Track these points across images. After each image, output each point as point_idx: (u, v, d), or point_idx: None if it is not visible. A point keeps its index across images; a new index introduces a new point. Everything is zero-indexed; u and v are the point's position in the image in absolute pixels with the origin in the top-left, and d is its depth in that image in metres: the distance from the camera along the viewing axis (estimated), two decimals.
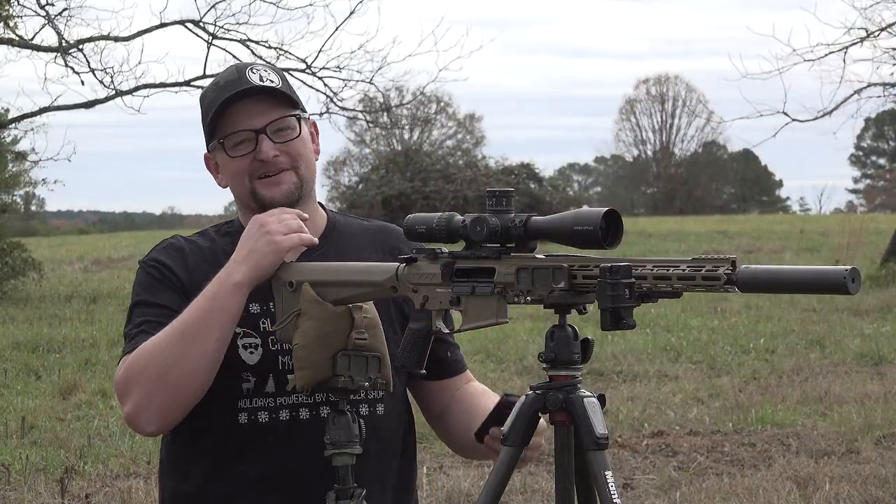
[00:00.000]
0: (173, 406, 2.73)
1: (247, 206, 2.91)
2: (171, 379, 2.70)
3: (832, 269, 2.22)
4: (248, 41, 18.54)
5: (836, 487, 6.59)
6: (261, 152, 2.85)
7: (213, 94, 2.88)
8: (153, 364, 2.70)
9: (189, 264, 2.89)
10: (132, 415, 2.73)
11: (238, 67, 2.91)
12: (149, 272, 2.89)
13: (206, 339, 2.70)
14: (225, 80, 2.88)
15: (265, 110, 2.87)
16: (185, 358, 2.69)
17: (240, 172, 2.87)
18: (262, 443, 2.83)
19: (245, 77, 2.86)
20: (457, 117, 51.75)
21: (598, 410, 2.50)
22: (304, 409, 2.85)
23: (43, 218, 56.70)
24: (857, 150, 68.55)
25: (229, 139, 2.87)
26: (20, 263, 18.35)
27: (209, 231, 3.01)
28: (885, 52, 20.50)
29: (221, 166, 2.91)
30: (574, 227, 2.41)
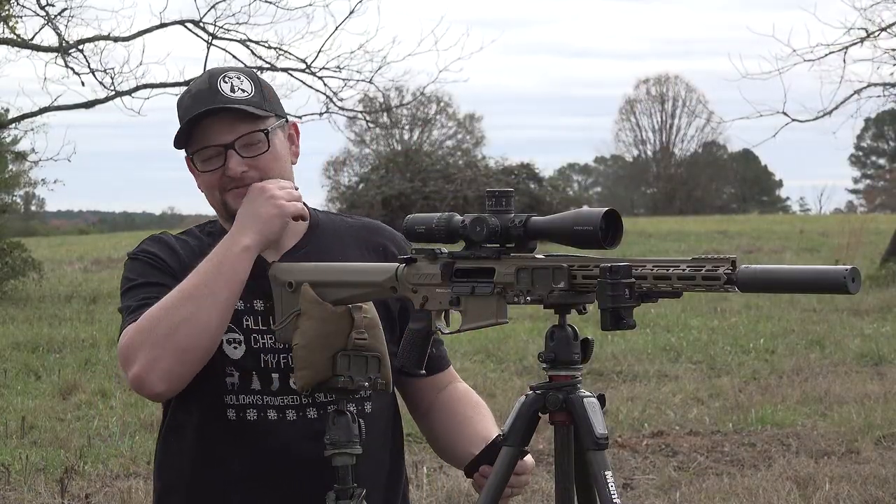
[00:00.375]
0: (181, 367, 2.71)
1: (219, 216, 2.94)
2: (180, 338, 2.69)
3: (832, 268, 2.22)
4: (247, 41, 18.55)
5: (836, 487, 6.59)
6: (228, 169, 2.84)
7: (187, 103, 2.87)
8: (161, 324, 2.69)
9: (180, 257, 2.89)
10: (140, 376, 2.70)
11: (211, 75, 2.88)
12: (140, 259, 2.89)
13: (215, 301, 2.71)
14: (197, 89, 2.87)
15: (234, 125, 2.84)
16: (194, 317, 2.69)
17: (210, 186, 2.88)
18: (251, 440, 2.83)
19: (216, 87, 2.84)
20: (457, 117, 51.78)
21: (598, 410, 2.50)
22: (290, 411, 2.85)
23: (43, 218, 56.72)
24: (857, 150, 68.57)
25: (199, 154, 2.86)
26: (20, 263, 18.35)
27: (194, 230, 3.01)
28: (885, 52, 20.52)
29: (196, 177, 2.92)
30: (574, 227, 2.41)
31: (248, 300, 2.85)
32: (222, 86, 2.85)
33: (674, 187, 60.21)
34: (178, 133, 2.87)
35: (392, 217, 31.23)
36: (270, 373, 2.83)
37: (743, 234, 29.78)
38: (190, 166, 2.94)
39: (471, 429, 2.96)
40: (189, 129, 2.85)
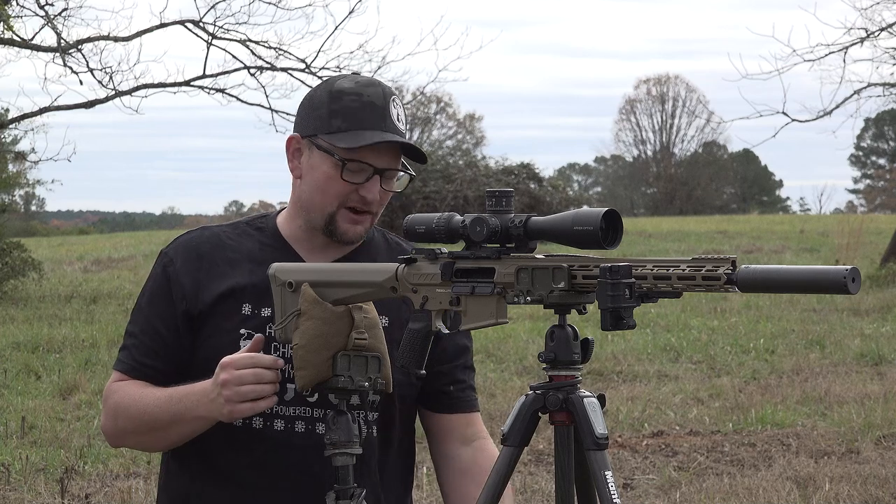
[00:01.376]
0: (131, 447, 3.05)
1: (309, 216, 2.88)
2: (129, 441, 2.96)
3: (832, 268, 2.22)
4: (247, 41, 18.52)
5: (836, 487, 6.59)
6: (369, 192, 2.83)
7: (354, 106, 2.81)
8: (119, 421, 2.91)
9: (203, 266, 2.89)
10: (103, 430, 2.97)
11: (385, 92, 2.85)
12: (159, 271, 2.93)
13: (163, 438, 2.87)
14: (370, 100, 2.82)
15: (390, 152, 2.85)
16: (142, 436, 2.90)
17: (336, 193, 2.84)
18: (256, 448, 2.83)
19: (388, 108, 2.83)
20: (457, 117, 51.82)
21: (598, 410, 2.50)
22: (300, 423, 2.84)
23: (43, 218, 56.73)
24: (857, 150, 68.58)
25: (353, 164, 2.82)
26: (20, 263, 18.33)
27: (241, 224, 2.99)
28: (885, 52, 20.53)
29: (316, 169, 2.84)
30: (574, 227, 2.41)
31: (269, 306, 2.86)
32: (392, 110, 2.85)
33: (674, 187, 60.21)
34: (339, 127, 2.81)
35: (392, 217, 31.23)
36: (286, 382, 2.82)
37: (743, 234, 29.78)
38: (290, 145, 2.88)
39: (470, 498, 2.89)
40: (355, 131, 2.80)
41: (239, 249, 2.91)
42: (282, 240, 2.93)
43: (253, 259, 2.89)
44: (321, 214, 2.86)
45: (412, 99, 39.29)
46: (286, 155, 2.90)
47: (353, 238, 2.88)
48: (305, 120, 2.87)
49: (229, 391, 2.69)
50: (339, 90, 2.84)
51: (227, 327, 2.84)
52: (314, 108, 2.85)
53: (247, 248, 2.92)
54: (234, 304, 2.85)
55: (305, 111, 2.88)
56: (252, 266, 2.89)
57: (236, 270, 2.88)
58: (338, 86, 2.85)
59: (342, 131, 2.81)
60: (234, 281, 2.87)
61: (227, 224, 2.98)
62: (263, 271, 2.83)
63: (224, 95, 18.41)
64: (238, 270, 2.89)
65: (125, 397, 2.86)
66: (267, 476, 2.84)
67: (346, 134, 2.80)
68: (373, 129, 2.81)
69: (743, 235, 29.47)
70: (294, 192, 2.92)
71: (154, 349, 2.88)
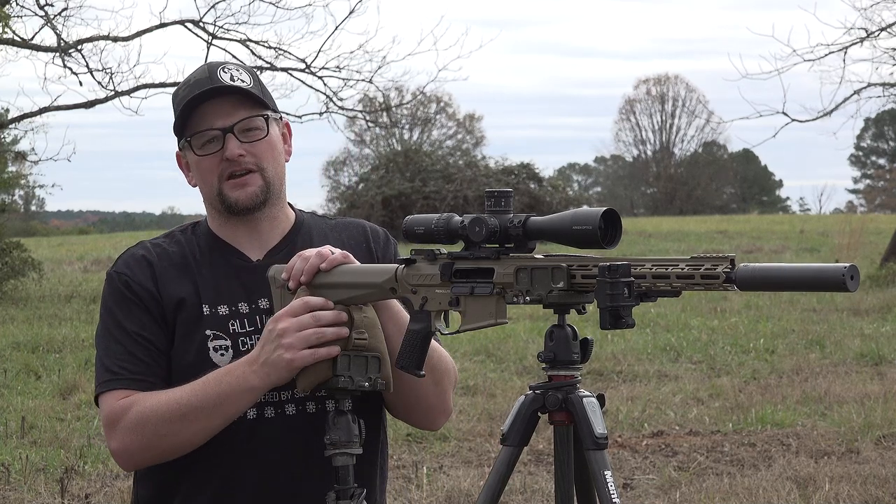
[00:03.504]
0: (153, 461, 2.84)
1: (213, 206, 2.91)
2: (164, 445, 2.78)
3: (831, 266, 2.23)
4: (247, 41, 18.53)
5: (836, 487, 6.59)
6: (227, 150, 2.84)
7: (184, 92, 2.87)
8: (149, 429, 2.76)
9: (156, 272, 2.88)
10: (118, 454, 2.82)
11: (210, 66, 2.89)
12: (118, 288, 2.88)
13: (206, 427, 2.76)
14: (195, 79, 2.87)
15: (233, 110, 2.86)
16: (182, 435, 2.77)
17: (209, 171, 2.87)
18: (233, 441, 2.82)
19: (216, 76, 2.86)
20: (457, 117, 51.79)
21: (598, 410, 2.50)
22: (269, 408, 2.84)
23: (43, 218, 56.70)
24: (857, 150, 68.57)
25: (197, 137, 2.86)
26: (20, 263, 18.33)
27: (175, 232, 3.00)
28: (885, 52, 20.53)
29: (191, 165, 2.91)
30: (573, 226, 2.41)
31: (233, 303, 2.86)
32: (221, 75, 2.87)
33: (674, 187, 60.20)
34: (177, 117, 2.87)
35: (392, 217, 31.22)
36: None
37: (743, 234, 29.78)
38: (180, 163, 2.94)
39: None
40: (188, 113, 2.85)
41: (182, 255, 2.92)
42: (219, 240, 2.93)
43: (196, 261, 2.90)
44: (213, 198, 2.89)
45: (412, 99, 39.25)
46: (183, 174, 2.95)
47: (246, 202, 2.87)
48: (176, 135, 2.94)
49: (290, 338, 2.66)
50: (175, 91, 2.93)
51: (193, 331, 2.84)
52: (173, 121, 2.92)
53: (188, 252, 2.93)
54: (193, 307, 2.86)
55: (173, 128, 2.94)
56: (197, 267, 2.90)
57: (185, 275, 2.89)
58: (175, 90, 2.93)
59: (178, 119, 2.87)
60: (186, 285, 2.87)
61: (161, 236, 3.00)
62: (209, 271, 2.85)
63: None
64: (187, 274, 2.89)
65: (149, 404, 2.77)
66: (256, 462, 2.83)
67: (177, 119, 2.87)
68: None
69: (743, 235, 29.47)
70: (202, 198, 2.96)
71: (149, 359, 2.84)
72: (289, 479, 2.82)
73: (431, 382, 2.85)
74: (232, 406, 2.73)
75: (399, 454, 7.34)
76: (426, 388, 2.85)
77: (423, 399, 2.87)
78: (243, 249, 2.92)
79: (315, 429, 2.79)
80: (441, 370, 2.87)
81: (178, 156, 2.94)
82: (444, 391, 2.90)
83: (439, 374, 2.86)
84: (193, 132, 2.86)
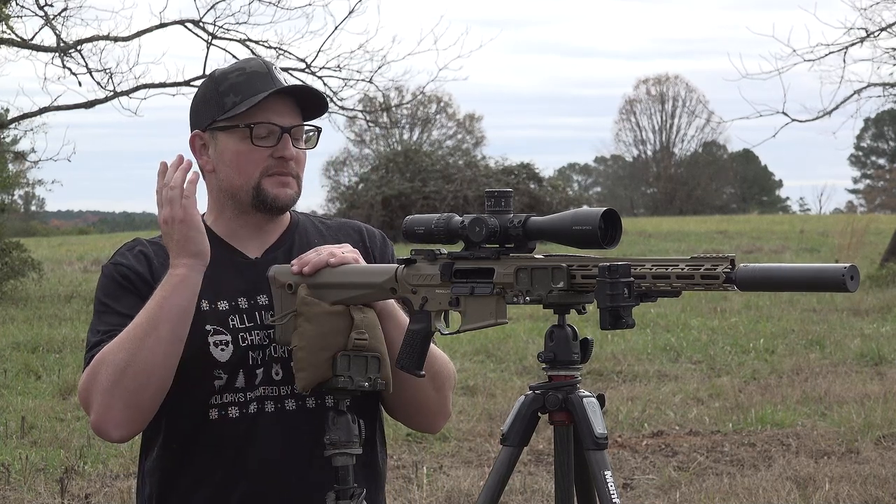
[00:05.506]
0: (133, 411, 2.74)
1: (234, 198, 2.89)
2: (127, 382, 2.71)
3: (831, 266, 2.23)
4: (247, 41, 18.53)
5: (836, 487, 6.59)
6: (285, 149, 2.84)
7: (241, 80, 2.85)
8: (107, 370, 2.72)
9: (153, 265, 2.88)
10: (97, 424, 2.76)
11: (265, 62, 2.90)
12: (112, 276, 2.88)
13: (157, 337, 2.71)
14: (253, 70, 2.86)
15: (292, 112, 2.87)
16: (137, 357, 2.71)
17: (252, 163, 2.85)
18: (233, 437, 2.83)
19: (274, 73, 2.87)
20: (457, 117, 51.80)
21: (598, 410, 2.50)
22: (269, 402, 2.84)
23: (43, 218, 56.72)
24: (856, 150, 68.57)
25: (259, 127, 2.85)
26: (20, 263, 18.33)
27: None
28: (885, 52, 20.53)
29: (226, 151, 2.87)
30: (573, 226, 2.41)
31: (233, 299, 2.86)
32: (277, 74, 2.88)
33: (674, 187, 60.20)
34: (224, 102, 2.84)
35: (392, 217, 31.21)
36: (255, 369, 2.83)
37: (743, 234, 29.78)
38: (193, 144, 2.90)
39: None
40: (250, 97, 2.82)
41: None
42: (216, 237, 2.92)
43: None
44: (246, 190, 2.87)
45: (412, 99, 39.26)
46: (193, 156, 2.92)
47: (284, 202, 2.88)
48: (199, 115, 2.91)
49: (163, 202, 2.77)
50: (221, 74, 2.90)
51: (192, 325, 2.82)
52: (204, 102, 2.89)
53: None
54: None
55: (196, 108, 2.92)
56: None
57: None
58: (219, 72, 2.91)
59: (238, 104, 2.84)
60: None
61: (157, 235, 2.98)
62: (211, 268, 2.83)
63: None
64: None
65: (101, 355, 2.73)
66: (248, 459, 2.83)
67: (242, 104, 2.84)
68: (265, 90, 2.84)
69: (743, 235, 29.48)
70: (211, 187, 2.93)
71: None
72: (288, 474, 2.83)
73: (433, 387, 2.86)
74: (173, 302, 2.72)
75: (399, 454, 7.34)
76: (427, 392, 2.85)
77: (424, 403, 2.88)
78: (241, 247, 2.92)
79: (314, 425, 2.79)
80: (443, 376, 2.88)
81: (195, 136, 2.91)
82: (445, 395, 2.91)
83: (441, 379, 2.88)
84: (258, 120, 2.84)
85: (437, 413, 2.92)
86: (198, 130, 2.90)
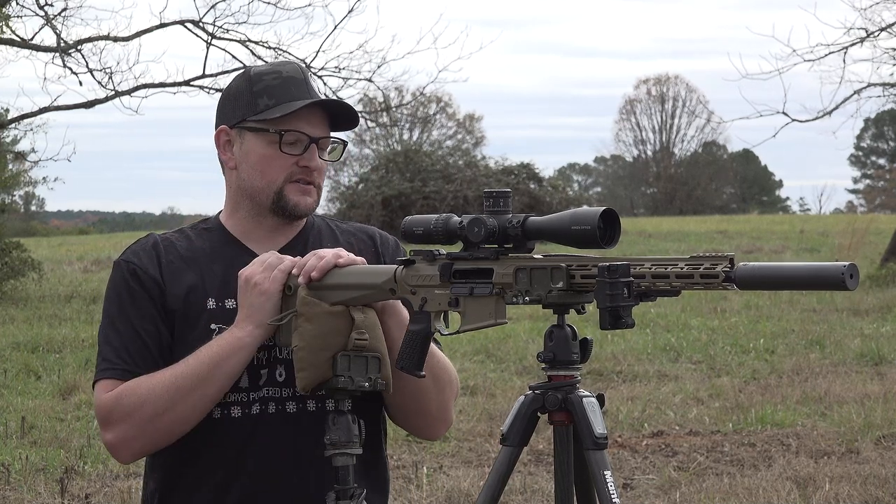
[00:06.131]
0: (153, 447, 2.83)
1: (253, 199, 2.90)
2: (160, 426, 2.77)
3: (830, 264, 2.23)
4: (247, 41, 18.53)
5: (836, 487, 6.58)
6: (312, 159, 2.86)
7: (276, 83, 2.87)
8: (145, 409, 2.75)
9: (163, 263, 2.89)
10: (113, 445, 2.80)
11: (301, 67, 2.92)
12: (124, 277, 2.88)
13: (204, 397, 2.76)
14: (289, 75, 2.88)
15: (322, 122, 2.89)
16: (180, 410, 2.76)
17: (277, 168, 2.86)
18: (235, 437, 2.83)
19: (309, 81, 2.89)
20: (457, 117, 51.81)
21: (597, 410, 2.50)
22: (272, 403, 2.85)
23: (43, 218, 56.71)
24: (856, 150, 68.57)
25: (289, 135, 2.86)
26: (20, 263, 18.32)
27: (186, 229, 3.01)
28: (885, 52, 20.53)
29: (251, 152, 2.88)
30: (572, 226, 2.41)
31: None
32: (313, 82, 2.91)
33: (674, 187, 60.20)
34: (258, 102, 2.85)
35: (392, 217, 31.19)
36: (260, 369, 2.84)
37: (743, 234, 29.77)
38: (218, 139, 2.91)
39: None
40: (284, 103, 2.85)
41: (191, 248, 2.93)
42: (229, 235, 2.94)
43: (205, 255, 2.91)
44: (267, 194, 2.88)
45: (412, 99, 39.27)
46: (217, 150, 2.93)
47: (304, 210, 2.90)
48: (229, 111, 2.91)
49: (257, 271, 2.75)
50: (256, 73, 2.91)
51: (197, 323, 2.84)
52: (236, 98, 2.90)
53: (198, 247, 2.93)
54: (198, 299, 2.86)
55: (227, 103, 2.92)
56: (206, 261, 2.90)
57: (192, 267, 2.89)
58: (254, 70, 2.92)
59: (271, 107, 2.85)
60: (193, 277, 2.88)
61: (172, 231, 3.00)
62: (219, 266, 2.85)
63: None
64: (194, 267, 2.89)
65: (144, 386, 2.76)
66: (249, 458, 2.84)
67: (275, 108, 2.85)
68: (299, 99, 2.85)
69: (743, 235, 29.47)
70: (230, 184, 2.94)
71: (146, 351, 2.83)
72: (288, 476, 2.83)
73: (434, 391, 2.86)
74: (225, 366, 2.74)
75: (399, 454, 7.34)
76: (429, 395, 2.85)
77: (424, 407, 2.88)
78: (254, 246, 2.92)
79: (315, 428, 2.79)
80: (444, 380, 2.88)
81: (221, 130, 2.92)
82: (446, 401, 2.91)
83: (442, 384, 2.88)
84: (287, 129, 2.85)
85: (437, 418, 2.91)
86: (225, 126, 2.92)
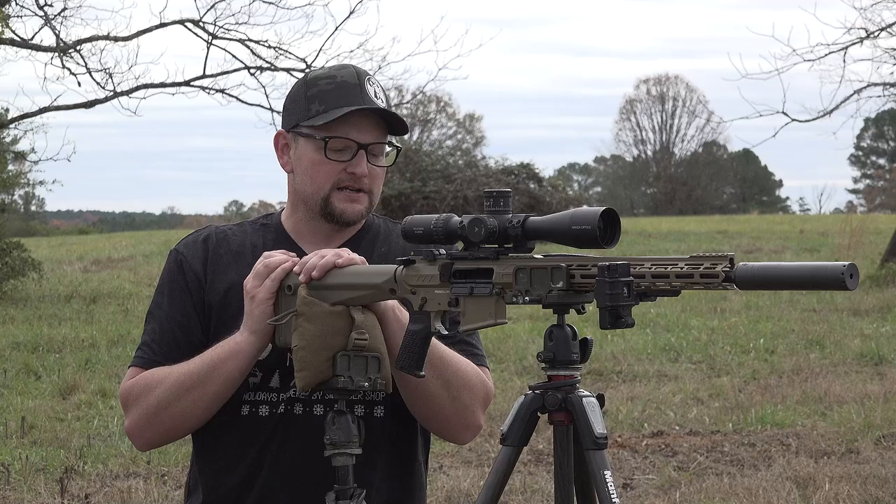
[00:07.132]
0: (163, 438, 2.91)
1: (306, 203, 2.92)
2: (162, 417, 2.84)
3: (830, 264, 2.22)
4: (247, 41, 18.54)
5: (835, 487, 6.59)
6: (357, 167, 2.86)
7: (329, 88, 2.87)
8: (152, 399, 2.84)
9: (209, 257, 2.94)
10: (129, 431, 2.91)
11: (358, 72, 2.91)
12: (171, 266, 2.97)
13: (200, 394, 2.82)
14: (344, 80, 2.88)
15: (373, 128, 2.89)
16: (181, 405, 2.83)
17: (325, 175, 2.88)
18: (260, 435, 2.87)
19: (364, 86, 2.88)
20: (457, 117, 51.82)
21: (597, 410, 2.50)
22: (298, 405, 2.87)
23: (43, 218, 56.72)
24: (856, 150, 68.59)
25: (334, 141, 2.87)
26: (20, 263, 18.32)
27: (246, 223, 3.05)
28: (885, 52, 20.53)
29: (303, 157, 2.90)
30: (572, 226, 2.41)
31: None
32: (368, 88, 2.89)
33: (674, 187, 60.21)
34: (310, 107, 2.86)
35: (392, 217, 31.17)
36: (292, 370, 2.82)
37: (743, 234, 29.76)
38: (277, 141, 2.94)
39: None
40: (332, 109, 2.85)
41: (243, 244, 2.97)
42: (285, 234, 2.98)
43: (257, 253, 2.91)
44: (316, 200, 2.91)
45: (412, 99, 39.25)
46: (276, 153, 2.97)
47: (351, 217, 2.91)
48: (288, 115, 2.95)
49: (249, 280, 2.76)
50: (313, 77, 2.92)
51: (234, 320, 2.85)
52: (294, 102, 2.93)
53: (251, 243, 2.97)
54: (237, 296, 2.86)
55: (286, 106, 2.96)
56: (253, 259, 2.90)
57: (240, 263, 2.92)
58: (312, 74, 2.94)
59: (320, 113, 2.87)
60: (238, 273, 2.89)
61: (233, 223, 3.05)
62: None
63: (224, 95, 18.42)
64: (242, 263, 2.92)
65: (155, 377, 2.85)
66: (274, 458, 2.87)
67: (324, 114, 2.86)
68: (350, 105, 2.86)
69: (743, 235, 29.46)
70: (290, 186, 2.97)
71: (174, 343, 2.90)
72: (307, 478, 2.85)
73: (447, 396, 2.84)
74: (223, 369, 2.78)
75: None
76: (440, 400, 2.84)
77: (437, 412, 2.87)
78: (306, 247, 2.93)
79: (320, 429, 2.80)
80: (458, 385, 2.86)
81: (279, 133, 2.95)
82: (465, 406, 2.88)
83: (456, 389, 2.85)
84: (334, 135, 2.86)
85: (455, 423, 2.90)
86: (282, 129, 2.95)
